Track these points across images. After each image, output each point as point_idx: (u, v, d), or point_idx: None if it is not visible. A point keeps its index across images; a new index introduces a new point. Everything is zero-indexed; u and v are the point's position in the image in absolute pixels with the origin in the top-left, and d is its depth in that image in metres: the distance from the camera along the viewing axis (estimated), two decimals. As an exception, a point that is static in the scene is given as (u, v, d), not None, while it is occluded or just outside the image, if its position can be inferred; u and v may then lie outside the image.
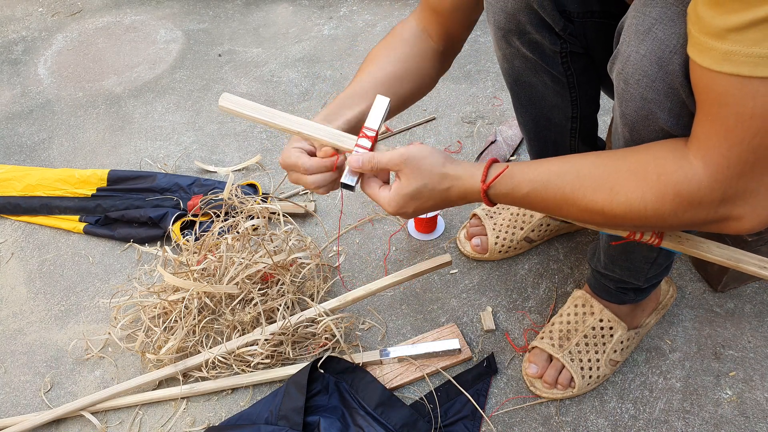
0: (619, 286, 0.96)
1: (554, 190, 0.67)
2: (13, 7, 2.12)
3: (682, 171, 0.58)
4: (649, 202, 0.61)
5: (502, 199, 0.72)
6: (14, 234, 1.37)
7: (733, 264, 0.75)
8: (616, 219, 0.64)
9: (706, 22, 0.50)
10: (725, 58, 0.49)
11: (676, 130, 0.61)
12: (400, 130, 1.48)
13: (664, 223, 0.62)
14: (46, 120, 1.65)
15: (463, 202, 0.75)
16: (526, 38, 0.85)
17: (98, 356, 1.12)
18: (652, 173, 0.60)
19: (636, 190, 0.61)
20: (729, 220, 0.59)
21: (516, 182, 0.70)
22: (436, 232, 1.25)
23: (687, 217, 0.60)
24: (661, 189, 0.59)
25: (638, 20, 0.60)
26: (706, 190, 0.57)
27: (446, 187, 0.72)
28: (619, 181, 0.62)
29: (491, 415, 0.99)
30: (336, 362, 1.02)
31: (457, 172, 0.72)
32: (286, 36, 1.85)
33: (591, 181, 0.64)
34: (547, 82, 0.91)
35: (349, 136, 0.77)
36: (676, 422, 0.96)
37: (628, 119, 0.65)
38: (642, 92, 0.61)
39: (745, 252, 0.75)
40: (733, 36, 0.48)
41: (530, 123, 1.01)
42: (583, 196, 0.65)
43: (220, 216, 1.16)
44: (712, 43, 0.50)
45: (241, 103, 0.79)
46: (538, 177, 0.68)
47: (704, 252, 0.75)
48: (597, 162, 0.66)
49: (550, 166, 0.69)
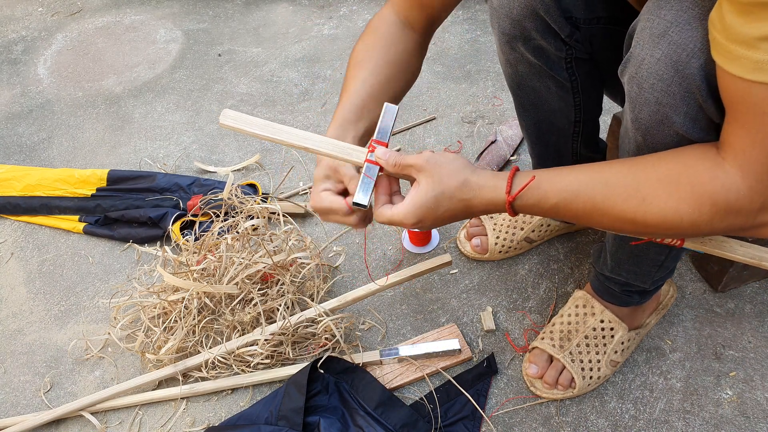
0: (624, 289, 0.95)
1: (584, 201, 0.65)
2: (13, 7, 2.12)
3: (718, 181, 0.57)
4: (685, 213, 0.59)
5: (528, 210, 0.69)
6: (14, 234, 1.36)
7: (756, 262, 0.73)
8: (648, 228, 0.63)
9: (735, 30, 0.49)
10: (757, 68, 0.49)
11: (693, 134, 0.61)
12: (400, 130, 1.48)
13: (699, 231, 0.61)
14: (45, 120, 1.65)
15: (484, 213, 0.73)
16: (531, 44, 0.84)
17: (98, 356, 1.12)
18: (685, 183, 0.59)
19: (669, 201, 0.60)
20: (766, 226, 0.58)
21: (543, 193, 0.67)
22: (430, 245, 1.22)
23: (723, 225, 0.59)
24: (696, 199, 0.58)
25: (652, 23, 0.59)
26: (745, 200, 0.56)
27: (467, 197, 0.69)
28: (651, 191, 0.61)
29: (491, 416, 0.98)
30: (336, 362, 1.02)
31: (479, 182, 0.69)
32: (286, 36, 1.84)
33: (621, 190, 0.63)
34: (551, 87, 0.90)
35: (358, 148, 0.75)
36: (677, 422, 0.96)
37: (641, 124, 0.64)
38: (657, 96, 0.60)
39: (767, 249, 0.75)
40: (765, 45, 0.48)
41: (532, 127, 1.01)
42: (613, 206, 0.63)
43: (220, 216, 1.16)
44: (742, 51, 0.50)
45: (243, 119, 0.76)
46: (567, 187, 0.66)
47: (727, 251, 0.74)
48: (624, 170, 0.63)
49: (578, 175, 0.66)
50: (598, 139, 1.07)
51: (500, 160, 1.34)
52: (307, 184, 1.38)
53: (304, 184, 1.38)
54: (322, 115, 1.55)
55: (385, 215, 0.73)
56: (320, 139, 0.75)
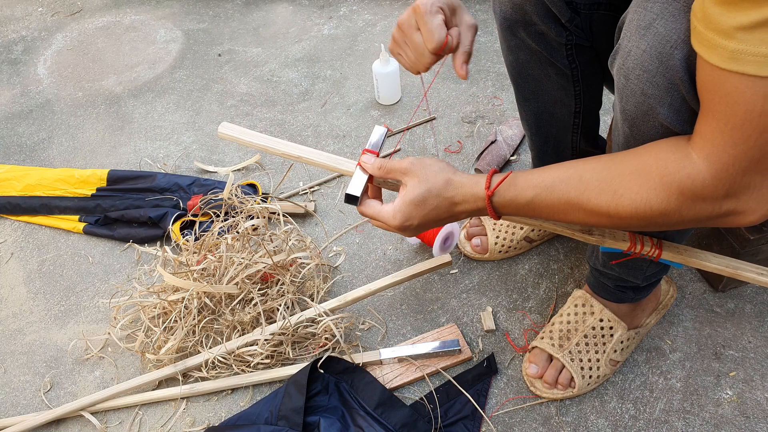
0: (617, 284, 0.96)
1: (558, 195, 0.68)
2: (13, 6, 2.12)
3: (684, 170, 0.58)
4: (654, 202, 0.61)
5: (507, 206, 0.72)
6: (14, 234, 1.36)
7: (731, 272, 0.76)
8: (622, 221, 0.65)
9: (714, 19, 0.50)
10: (733, 57, 0.49)
11: (677, 125, 0.61)
12: (400, 130, 1.48)
13: (669, 221, 0.62)
14: (45, 120, 1.65)
15: (467, 214, 0.75)
16: (532, 29, 0.85)
17: (98, 356, 1.12)
18: (655, 174, 0.60)
19: (640, 191, 0.61)
20: (733, 214, 0.59)
21: (519, 188, 0.71)
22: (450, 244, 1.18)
23: (691, 214, 0.60)
24: (665, 189, 0.60)
25: (639, 15, 0.60)
26: (710, 187, 0.57)
27: (451, 195, 0.73)
28: (623, 183, 0.63)
29: (491, 416, 0.98)
30: (336, 362, 1.02)
31: (461, 180, 0.73)
32: (286, 36, 1.84)
33: (594, 184, 0.65)
34: (552, 75, 0.91)
35: (348, 160, 0.82)
36: (677, 422, 0.96)
37: (628, 115, 0.65)
38: (642, 87, 0.61)
39: (741, 261, 0.77)
40: (741, 35, 0.48)
41: (532, 117, 1.01)
42: (587, 200, 0.66)
43: (220, 216, 1.16)
44: (719, 40, 0.50)
45: (239, 131, 0.86)
46: (541, 182, 0.69)
47: (703, 261, 0.77)
48: (598, 166, 0.66)
49: (552, 171, 0.69)
50: (597, 135, 1.07)
51: (500, 160, 1.34)
52: (307, 183, 1.38)
53: (304, 184, 1.38)
54: (322, 115, 1.55)
55: (374, 208, 0.78)
56: (311, 151, 0.83)
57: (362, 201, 0.79)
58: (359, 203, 0.79)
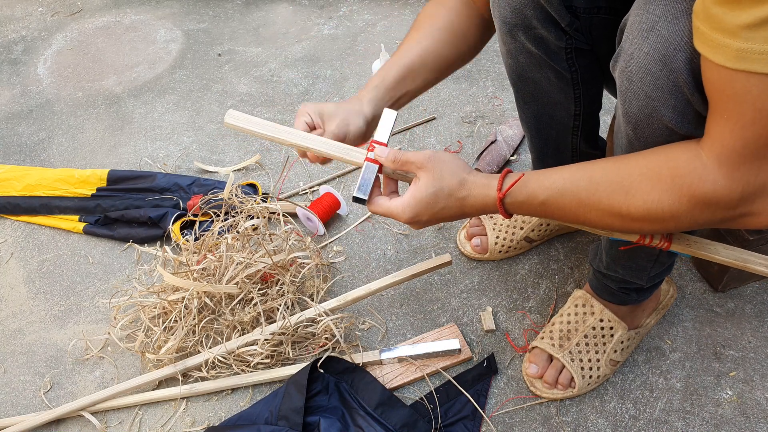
0: (621, 286, 0.95)
1: (570, 196, 0.68)
2: (13, 6, 2.12)
3: (696, 173, 0.58)
4: (666, 204, 0.61)
5: (519, 207, 0.73)
6: (14, 234, 1.36)
7: (741, 264, 0.75)
8: (634, 222, 0.65)
9: (718, 19, 0.50)
10: (739, 56, 0.49)
11: (681, 127, 0.61)
12: (401, 129, 1.48)
13: (680, 223, 0.62)
14: (45, 120, 1.65)
15: (477, 213, 0.76)
16: (532, 33, 0.84)
17: (98, 356, 1.12)
18: (666, 175, 0.60)
19: (652, 192, 0.61)
20: (747, 216, 0.58)
21: (531, 190, 0.71)
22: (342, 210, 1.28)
23: (704, 217, 0.60)
24: (676, 191, 0.59)
25: (641, 17, 0.60)
26: (724, 190, 0.57)
27: (463, 196, 0.73)
28: (635, 185, 0.62)
29: (491, 416, 0.98)
30: (336, 362, 1.02)
31: (475, 181, 0.73)
32: (286, 36, 1.85)
33: (606, 185, 0.65)
34: (551, 78, 0.91)
35: (357, 149, 0.78)
36: (677, 422, 0.96)
37: (631, 117, 0.65)
38: (646, 90, 0.61)
39: (752, 252, 0.75)
40: (746, 33, 0.48)
41: (532, 120, 1.01)
42: (599, 201, 0.65)
43: (220, 216, 1.16)
44: (724, 40, 0.50)
45: (247, 119, 0.79)
46: (553, 184, 0.69)
47: (712, 254, 0.76)
48: (609, 166, 0.66)
49: (563, 173, 0.69)
50: (598, 136, 1.07)
51: (500, 160, 1.34)
52: (307, 183, 1.38)
53: (304, 184, 1.38)
54: (322, 115, 1.55)
55: (383, 206, 0.76)
56: (321, 141, 0.78)
57: (371, 200, 0.78)
58: (368, 202, 0.78)
